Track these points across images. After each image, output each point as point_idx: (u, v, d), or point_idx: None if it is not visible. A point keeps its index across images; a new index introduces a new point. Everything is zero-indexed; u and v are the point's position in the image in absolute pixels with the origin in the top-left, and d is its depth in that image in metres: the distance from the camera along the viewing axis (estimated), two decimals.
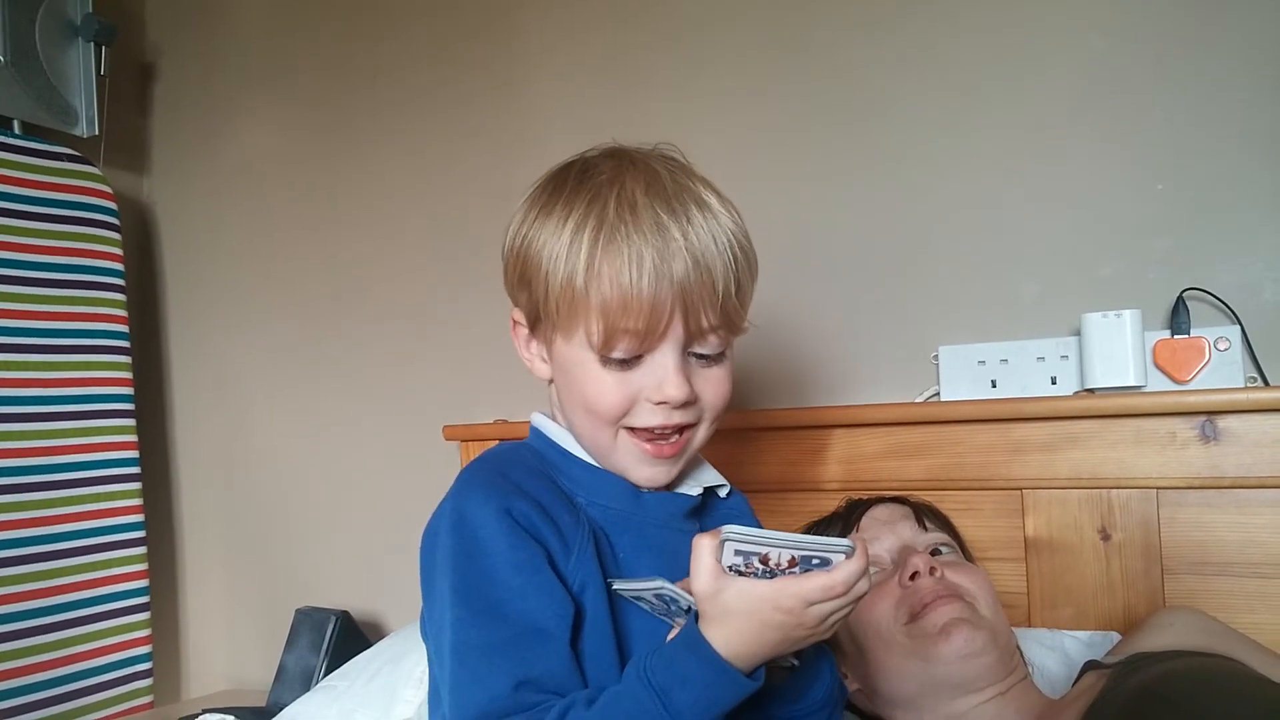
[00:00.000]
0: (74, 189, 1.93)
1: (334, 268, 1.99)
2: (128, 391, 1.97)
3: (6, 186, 1.82)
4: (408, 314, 1.89)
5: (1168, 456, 1.20)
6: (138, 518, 1.95)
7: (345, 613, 1.72)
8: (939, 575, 1.00)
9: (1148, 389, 1.24)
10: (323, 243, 2.00)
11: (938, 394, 1.39)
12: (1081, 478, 1.24)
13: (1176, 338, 1.23)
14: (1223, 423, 1.18)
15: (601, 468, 0.84)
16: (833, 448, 1.39)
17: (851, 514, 1.14)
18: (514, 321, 0.87)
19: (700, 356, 0.81)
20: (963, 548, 1.14)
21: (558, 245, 0.78)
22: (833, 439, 1.39)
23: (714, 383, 0.82)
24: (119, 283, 1.98)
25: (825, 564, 0.68)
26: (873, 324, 1.46)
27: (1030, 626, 1.24)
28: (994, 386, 1.34)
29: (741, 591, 0.68)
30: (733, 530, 0.67)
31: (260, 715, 1.59)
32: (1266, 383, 1.21)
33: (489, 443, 1.56)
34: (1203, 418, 1.18)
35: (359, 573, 1.92)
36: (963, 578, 1.02)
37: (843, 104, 1.50)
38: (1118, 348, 1.23)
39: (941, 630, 0.95)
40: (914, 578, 1.00)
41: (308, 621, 1.73)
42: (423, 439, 1.78)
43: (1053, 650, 1.17)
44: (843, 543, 0.68)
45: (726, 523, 0.89)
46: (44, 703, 1.75)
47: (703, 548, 0.69)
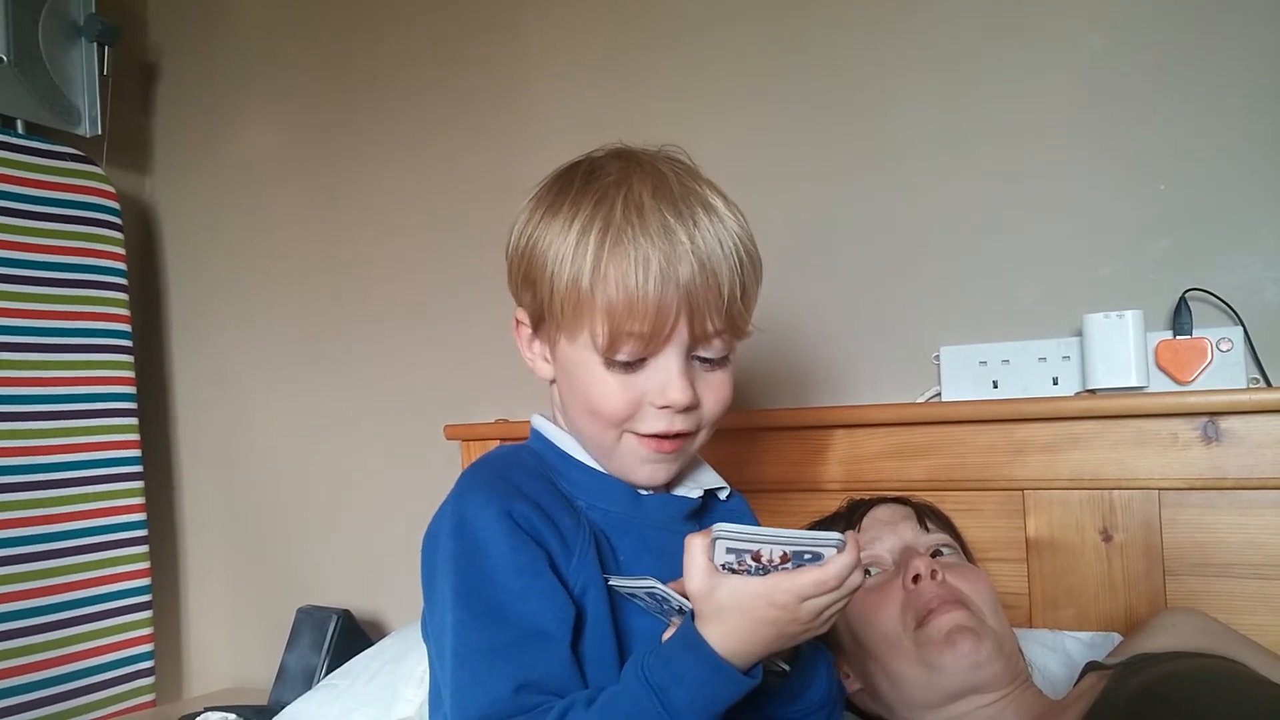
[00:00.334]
0: (77, 188, 1.93)
1: (335, 266, 1.99)
2: (130, 390, 1.98)
3: (10, 186, 1.82)
4: (409, 312, 1.90)
5: (1170, 457, 1.20)
6: (140, 516, 1.95)
7: (346, 612, 1.73)
8: (941, 579, 1.00)
9: (1150, 390, 1.24)
10: (324, 241, 2.01)
11: (939, 394, 1.39)
12: (1083, 478, 1.24)
13: (1179, 338, 1.23)
14: (1225, 424, 1.17)
15: (601, 471, 0.84)
16: (834, 448, 1.39)
17: (853, 514, 1.14)
18: (517, 321, 0.87)
19: (704, 360, 0.81)
20: (964, 548, 1.14)
21: (564, 246, 0.78)
22: (834, 439, 1.39)
23: (715, 388, 0.82)
24: (121, 282, 1.99)
25: (817, 559, 0.68)
26: (874, 324, 1.46)
27: (1031, 627, 1.24)
28: (995, 387, 1.34)
29: (735, 589, 0.68)
30: (724, 528, 0.67)
31: (262, 714, 1.59)
32: (1269, 384, 1.21)
33: (490, 442, 1.57)
34: (1205, 419, 1.18)
35: (360, 572, 1.92)
36: (965, 581, 1.01)
37: (844, 104, 1.49)
38: (1120, 348, 1.23)
39: (946, 638, 0.95)
40: (916, 580, 1.00)
41: (309, 620, 1.73)
42: (424, 438, 1.79)
43: (1054, 651, 1.16)
44: (833, 537, 0.68)
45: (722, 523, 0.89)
46: (46, 701, 1.75)
47: (695, 547, 0.69)
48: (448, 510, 0.79)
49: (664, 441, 0.81)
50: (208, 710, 1.60)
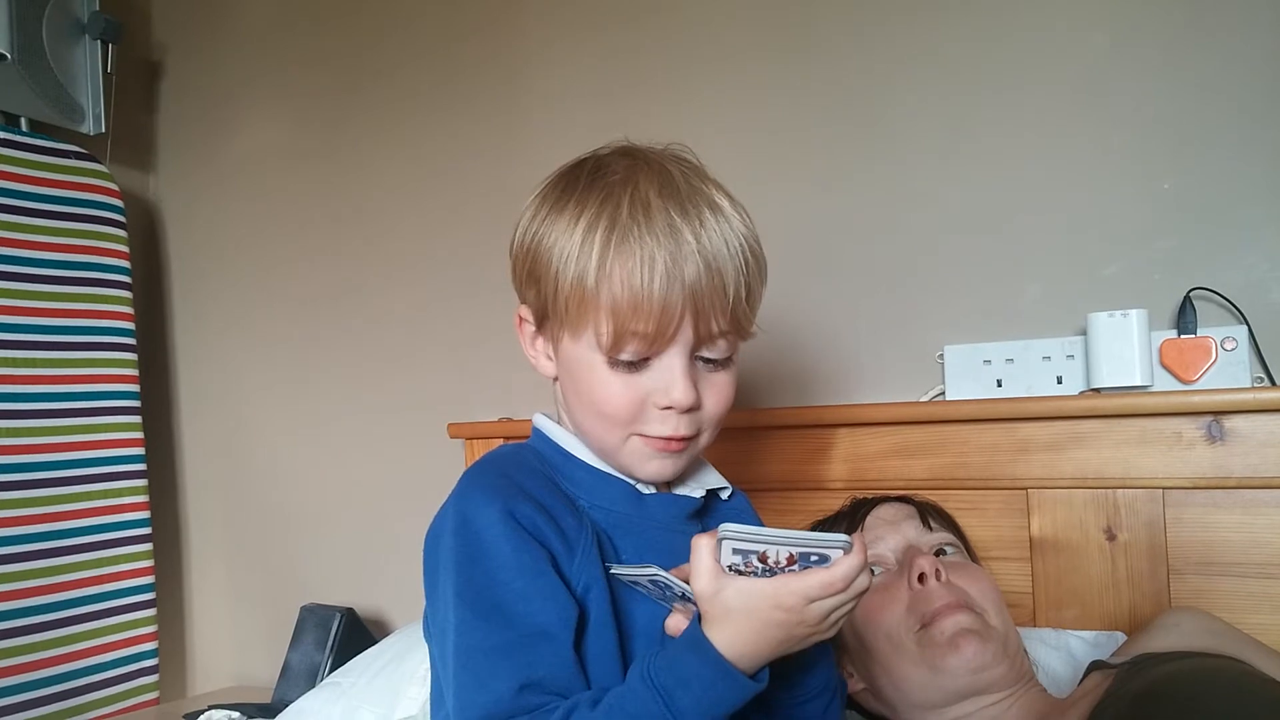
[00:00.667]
0: (80, 186, 1.93)
1: (339, 264, 1.99)
2: (133, 388, 1.98)
3: (13, 183, 1.82)
4: (413, 309, 1.90)
5: (1174, 456, 1.19)
6: (143, 514, 1.96)
7: (350, 610, 1.73)
8: (945, 579, 1.00)
9: (1154, 389, 1.23)
10: (328, 239, 2.01)
11: (943, 393, 1.39)
12: (1087, 477, 1.23)
13: (1183, 337, 1.23)
14: (1229, 423, 1.17)
15: (604, 471, 0.84)
16: (837, 447, 1.39)
17: (856, 513, 1.14)
18: (520, 318, 0.87)
19: (707, 361, 0.80)
20: (967, 548, 1.14)
21: (569, 244, 0.77)
22: (837, 438, 1.39)
23: (718, 389, 0.81)
24: (125, 279, 1.99)
25: (824, 560, 0.68)
26: (878, 323, 1.46)
27: (1035, 626, 1.24)
28: (999, 386, 1.34)
29: (741, 590, 0.68)
30: (730, 529, 0.67)
31: (265, 712, 1.60)
32: (1273, 383, 1.21)
33: (494, 440, 1.57)
34: (1209, 418, 1.18)
35: (364, 570, 1.92)
36: (969, 581, 1.01)
37: (847, 103, 1.49)
38: (1124, 347, 1.23)
39: (950, 641, 0.95)
40: (921, 579, 1.00)
41: (313, 618, 1.74)
42: (428, 436, 1.79)
43: (1057, 650, 1.16)
44: (840, 538, 0.68)
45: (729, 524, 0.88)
46: (50, 698, 1.75)
47: (702, 548, 0.69)
48: (450, 510, 0.79)
49: (670, 442, 0.81)
50: (211, 708, 1.61)
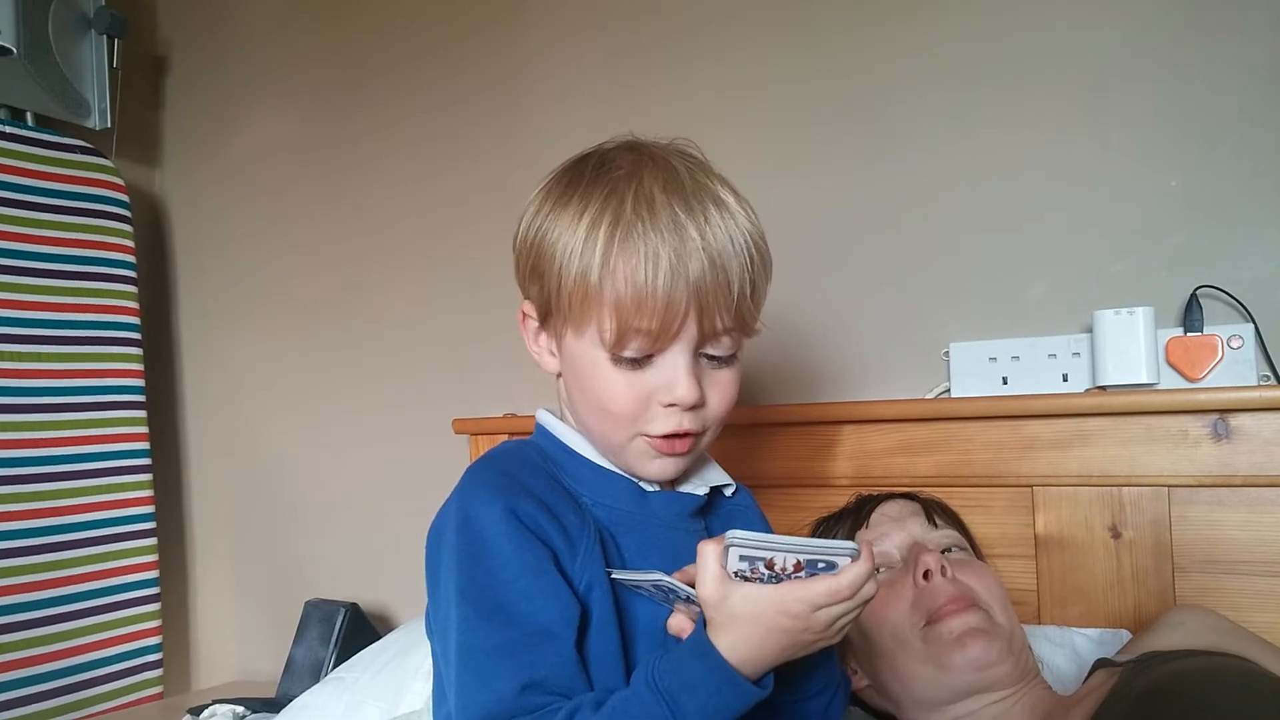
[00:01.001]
0: (86, 181, 1.94)
1: (344, 259, 1.99)
2: (139, 383, 1.98)
3: (19, 178, 1.83)
4: (418, 305, 1.90)
5: (1179, 454, 1.19)
6: (148, 509, 1.96)
7: (354, 605, 1.73)
8: (951, 575, 1.00)
9: (1160, 386, 1.23)
10: (333, 235, 2.01)
11: (948, 390, 1.38)
12: (1092, 475, 1.23)
13: (1189, 335, 1.23)
14: (1235, 421, 1.17)
15: (607, 468, 0.84)
16: (843, 444, 1.38)
17: (861, 510, 1.14)
18: (523, 314, 0.86)
19: (711, 358, 0.80)
20: (972, 545, 1.14)
21: (573, 239, 0.77)
22: (843, 435, 1.38)
23: (722, 386, 0.81)
24: (130, 274, 1.99)
25: (831, 567, 0.67)
26: (883, 320, 1.46)
27: (1040, 624, 1.24)
28: (1005, 383, 1.34)
29: (747, 597, 0.67)
30: (737, 535, 0.66)
31: (270, 706, 1.60)
32: (1279, 381, 1.21)
33: (498, 436, 1.57)
34: (1215, 416, 1.18)
35: (368, 565, 1.92)
36: (974, 579, 1.01)
37: (853, 100, 1.49)
38: (1130, 345, 1.22)
39: (957, 639, 0.95)
40: (927, 576, 1.00)
41: (317, 614, 1.74)
42: (432, 431, 1.79)
43: (1062, 648, 1.16)
44: (848, 545, 0.67)
45: (733, 521, 0.88)
46: (54, 692, 1.76)
47: (708, 554, 0.68)
48: (452, 507, 0.78)
49: (675, 441, 0.80)
50: (215, 703, 1.61)
